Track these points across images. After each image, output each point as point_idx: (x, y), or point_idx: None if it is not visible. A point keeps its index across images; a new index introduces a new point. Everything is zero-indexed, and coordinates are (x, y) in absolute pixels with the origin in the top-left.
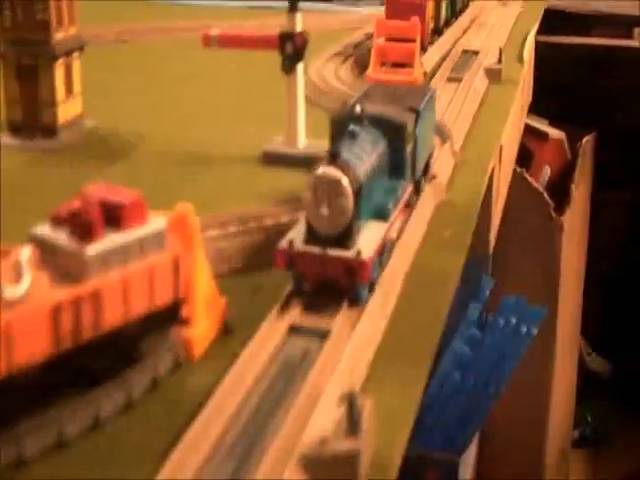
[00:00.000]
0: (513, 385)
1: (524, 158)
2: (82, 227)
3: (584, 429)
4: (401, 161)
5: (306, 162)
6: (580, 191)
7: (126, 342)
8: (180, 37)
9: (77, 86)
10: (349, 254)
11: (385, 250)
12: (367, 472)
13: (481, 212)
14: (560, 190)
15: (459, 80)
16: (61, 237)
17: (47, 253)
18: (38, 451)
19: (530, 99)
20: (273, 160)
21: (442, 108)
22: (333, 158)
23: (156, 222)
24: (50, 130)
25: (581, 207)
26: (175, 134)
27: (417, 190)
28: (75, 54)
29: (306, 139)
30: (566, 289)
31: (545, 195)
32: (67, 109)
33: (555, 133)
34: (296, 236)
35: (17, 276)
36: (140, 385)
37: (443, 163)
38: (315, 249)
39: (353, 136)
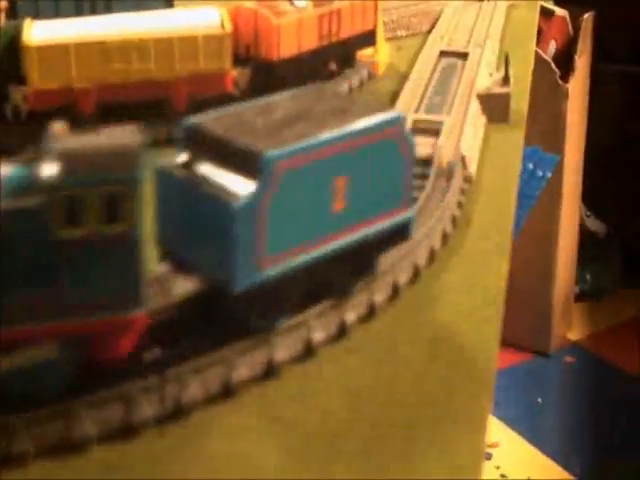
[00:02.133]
0: (526, 237)
1: None
2: None
3: (583, 286)
4: None
5: None
6: (582, 62)
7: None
8: None
9: None
10: None
11: None
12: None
13: None
14: (564, 62)
15: None
16: None
17: None
18: None
19: None
20: None
21: None
22: None
23: None
24: None
25: (583, 77)
26: None
27: None
28: None
29: None
30: (570, 148)
31: (552, 64)
32: None
33: (560, 11)
34: None
35: None
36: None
37: None
38: None
39: None
